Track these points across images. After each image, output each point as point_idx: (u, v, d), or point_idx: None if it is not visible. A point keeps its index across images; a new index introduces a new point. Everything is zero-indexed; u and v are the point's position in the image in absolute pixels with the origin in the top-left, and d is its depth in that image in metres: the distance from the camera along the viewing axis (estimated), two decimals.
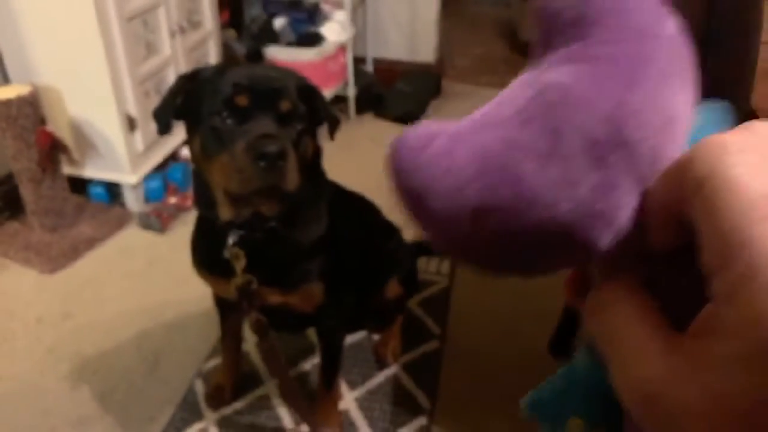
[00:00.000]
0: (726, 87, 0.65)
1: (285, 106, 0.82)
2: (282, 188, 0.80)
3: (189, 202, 1.90)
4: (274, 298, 0.96)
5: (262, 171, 0.77)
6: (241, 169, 0.77)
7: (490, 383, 1.31)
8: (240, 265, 0.90)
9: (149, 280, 1.63)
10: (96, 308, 1.53)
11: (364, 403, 1.25)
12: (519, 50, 3.42)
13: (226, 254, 0.90)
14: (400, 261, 1.33)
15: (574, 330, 1.35)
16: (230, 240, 0.89)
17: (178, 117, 0.89)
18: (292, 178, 0.80)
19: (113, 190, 1.93)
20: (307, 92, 0.88)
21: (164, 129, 0.89)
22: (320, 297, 0.99)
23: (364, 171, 2.21)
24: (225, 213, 0.88)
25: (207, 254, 0.99)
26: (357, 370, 1.33)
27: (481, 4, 4.58)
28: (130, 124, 1.78)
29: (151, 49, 1.83)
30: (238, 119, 0.80)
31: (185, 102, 0.88)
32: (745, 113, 0.66)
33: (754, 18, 0.61)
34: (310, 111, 0.88)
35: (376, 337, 1.41)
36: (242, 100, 0.80)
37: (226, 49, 2.40)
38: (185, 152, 2.10)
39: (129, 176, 1.83)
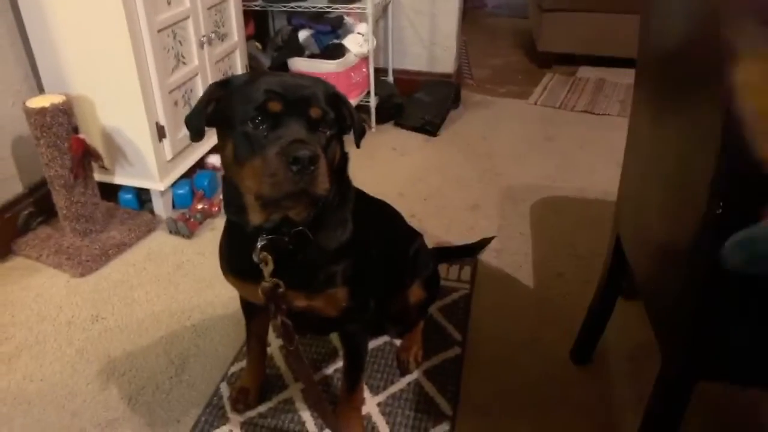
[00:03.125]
0: None
1: (315, 112, 0.85)
2: (313, 193, 0.82)
3: (215, 209, 1.94)
4: (300, 301, 0.98)
5: (295, 175, 0.78)
6: (274, 173, 0.79)
7: (512, 390, 1.31)
8: (268, 269, 0.92)
9: (176, 285, 1.67)
10: (124, 311, 1.57)
11: (386, 409, 1.26)
12: (537, 61, 3.44)
13: (255, 258, 0.92)
14: (421, 265, 1.35)
15: (596, 338, 1.35)
16: (259, 244, 0.91)
17: (210, 124, 0.92)
18: (322, 183, 0.82)
19: (142, 197, 1.98)
20: (335, 100, 0.91)
21: (197, 135, 0.91)
22: (345, 301, 1.00)
23: (384, 178, 2.24)
24: (255, 218, 0.91)
25: (235, 259, 1.02)
26: (379, 375, 1.34)
27: (499, 15, 4.60)
28: (159, 132, 1.82)
29: (179, 59, 1.88)
30: (270, 125, 0.83)
31: (217, 109, 0.90)
32: None
33: None
34: (337, 118, 0.90)
35: (397, 342, 1.43)
36: (275, 106, 0.82)
37: (252, 61, 2.45)
38: (211, 160, 2.14)
39: (157, 183, 1.88)
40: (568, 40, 3.29)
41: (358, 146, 0.99)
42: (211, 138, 0.93)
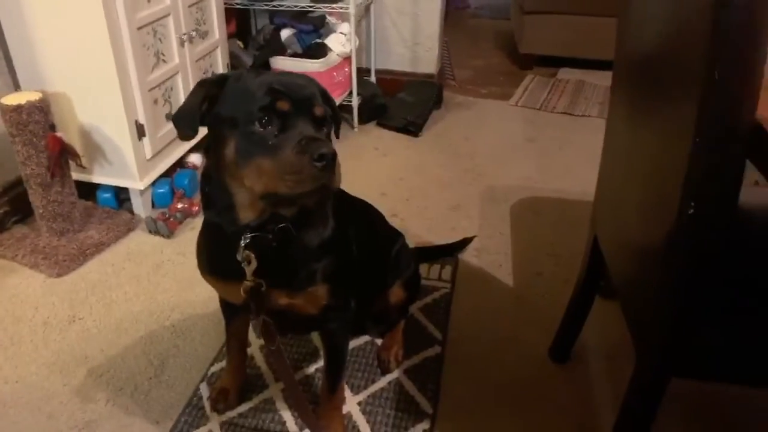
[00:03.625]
0: (733, 99, 0.67)
1: (319, 111, 0.86)
2: (332, 187, 0.83)
3: (195, 208, 1.93)
4: (281, 300, 0.98)
5: (319, 172, 0.79)
6: (298, 171, 0.80)
7: (492, 388, 1.32)
8: (251, 268, 0.92)
9: (156, 284, 1.65)
10: (102, 312, 1.55)
11: (366, 408, 1.27)
12: (518, 62, 3.47)
13: (239, 257, 0.92)
14: (403, 266, 1.35)
15: (574, 336, 1.37)
16: (243, 242, 0.91)
17: (203, 123, 0.90)
18: (339, 177, 0.84)
19: (121, 196, 1.96)
20: (325, 96, 0.92)
21: (190, 134, 0.89)
22: (325, 299, 1.01)
23: (367, 178, 2.24)
24: (245, 216, 0.90)
25: (215, 259, 1.01)
26: (360, 375, 1.35)
27: (481, 17, 4.63)
28: (139, 131, 1.81)
29: (160, 57, 1.86)
30: (279, 125, 0.83)
31: (211, 107, 0.89)
32: (752, 126, 0.68)
33: (762, 31, 0.64)
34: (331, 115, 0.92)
35: (378, 341, 1.43)
36: (283, 105, 0.83)
37: (233, 59, 2.44)
38: (192, 159, 2.12)
39: (137, 182, 1.86)
40: (549, 42, 3.33)
41: (337, 137, 1.00)
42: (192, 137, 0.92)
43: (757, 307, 0.85)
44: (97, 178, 1.89)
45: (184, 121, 0.89)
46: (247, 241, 0.91)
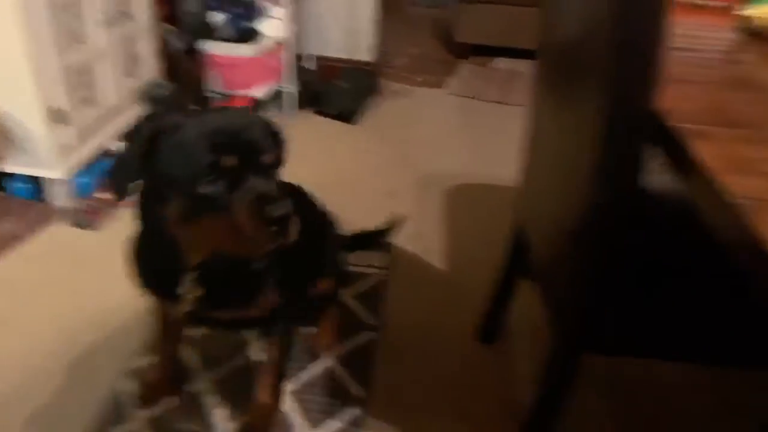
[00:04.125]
0: (635, 90, 0.70)
1: (269, 159, 0.80)
2: (288, 243, 0.78)
3: None
4: (227, 315, 0.96)
5: (273, 234, 0.75)
6: (252, 236, 0.75)
7: (423, 372, 1.35)
8: (193, 295, 0.89)
9: (75, 279, 1.58)
10: (16, 309, 1.47)
11: (298, 395, 1.26)
12: (454, 51, 3.52)
13: (181, 291, 0.88)
14: (333, 251, 1.35)
15: (500, 317, 1.42)
16: (188, 279, 0.88)
17: (141, 177, 0.83)
18: (294, 231, 0.78)
19: (39, 186, 1.85)
20: (271, 132, 0.86)
21: (123, 194, 0.82)
22: (275, 302, 0.99)
23: (302, 166, 2.21)
24: (190, 259, 0.87)
25: (152, 277, 0.96)
26: (291, 363, 1.34)
27: (418, 5, 4.65)
28: (56, 117, 1.71)
29: (78, 39, 1.76)
30: (227, 181, 0.76)
31: (147, 164, 0.80)
32: (652, 116, 0.72)
33: (662, 25, 0.67)
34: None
35: (312, 330, 1.43)
36: (230, 161, 0.76)
37: (163, 43, 2.34)
38: (118, 147, 2.03)
39: (53, 171, 1.76)
40: (484, 32, 3.39)
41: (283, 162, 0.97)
42: (117, 121, 0.87)
43: (663, 285, 0.90)
44: (10, 168, 1.78)
45: (118, 182, 0.83)
46: (191, 278, 0.87)
